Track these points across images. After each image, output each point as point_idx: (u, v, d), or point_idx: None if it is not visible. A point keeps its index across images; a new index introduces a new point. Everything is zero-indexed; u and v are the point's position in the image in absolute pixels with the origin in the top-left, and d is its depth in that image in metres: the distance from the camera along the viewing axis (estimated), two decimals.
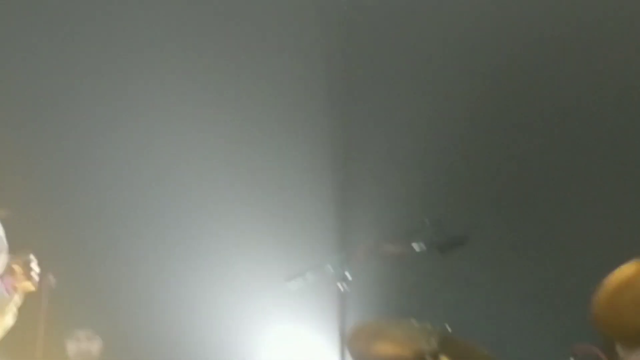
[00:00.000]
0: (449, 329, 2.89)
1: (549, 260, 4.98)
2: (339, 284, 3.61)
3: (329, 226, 5.05)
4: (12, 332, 2.43)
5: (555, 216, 5.02)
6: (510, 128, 5.16)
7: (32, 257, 2.52)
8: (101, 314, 4.90)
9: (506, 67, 5.05)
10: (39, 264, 2.48)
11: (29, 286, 2.49)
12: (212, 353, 4.93)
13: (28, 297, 2.47)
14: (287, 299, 4.42)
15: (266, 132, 5.25)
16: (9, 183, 4.29)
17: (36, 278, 2.51)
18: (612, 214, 4.78)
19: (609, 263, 2.24)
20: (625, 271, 2.44)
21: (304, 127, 5.16)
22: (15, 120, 4.81)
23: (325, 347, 4.55)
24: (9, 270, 2.45)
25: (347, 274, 3.61)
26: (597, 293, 2.47)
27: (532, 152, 5.10)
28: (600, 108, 4.88)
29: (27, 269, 2.47)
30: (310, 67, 5.30)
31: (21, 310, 2.45)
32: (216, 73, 5.16)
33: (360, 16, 5.20)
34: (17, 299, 2.45)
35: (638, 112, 4.80)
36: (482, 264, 4.88)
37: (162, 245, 5.11)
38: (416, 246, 3.59)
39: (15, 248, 2.45)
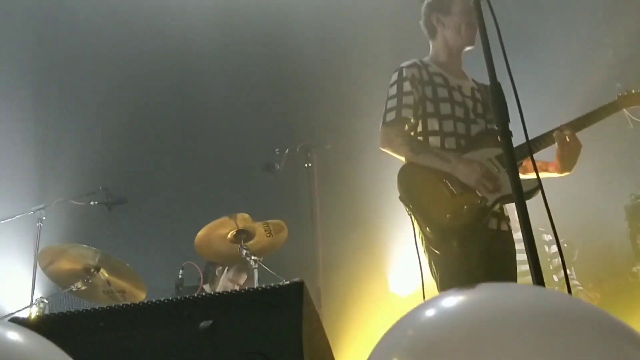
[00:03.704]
0: (108, 253, 3.96)
1: (178, 212, 6.16)
2: (38, 222, 4.68)
3: (33, 186, 5.68)
4: None
5: (183, 186, 6.24)
6: (157, 129, 6.28)
7: None
8: None
9: (151, 95, 6.21)
10: None
11: None
12: None
13: None
14: None
15: None
16: None
17: None
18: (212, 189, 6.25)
19: (206, 218, 4.18)
20: (212, 224, 4.34)
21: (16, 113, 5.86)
22: None
23: (25, 263, 5.14)
24: None
25: (43, 217, 4.68)
26: (198, 233, 4.24)
27: (172, 146, 6.36)
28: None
29: None
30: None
31: None
32: None
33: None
34: None
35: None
36: (134, 214, 5.61)
37: None
38: (92, 202, 4.80)
39: None
